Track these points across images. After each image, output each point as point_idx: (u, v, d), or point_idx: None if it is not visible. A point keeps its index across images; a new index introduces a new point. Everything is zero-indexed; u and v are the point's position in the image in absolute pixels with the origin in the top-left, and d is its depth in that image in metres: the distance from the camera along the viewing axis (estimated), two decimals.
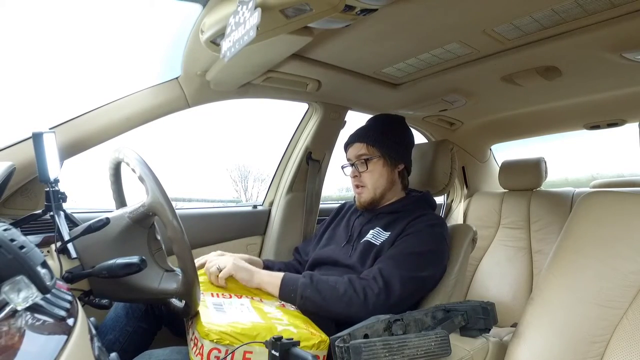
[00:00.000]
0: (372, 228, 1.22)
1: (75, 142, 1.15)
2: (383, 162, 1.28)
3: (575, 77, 1.39)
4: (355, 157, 1.31)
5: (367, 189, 1.28)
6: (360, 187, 1.29)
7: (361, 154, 1.29)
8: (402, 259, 1.07)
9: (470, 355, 0.80)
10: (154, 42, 1.32)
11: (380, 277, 1.02)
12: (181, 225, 0.82)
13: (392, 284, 1.01)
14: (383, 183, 1.28)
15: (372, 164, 1.28)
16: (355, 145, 1.31)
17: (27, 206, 1.11)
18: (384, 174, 1.28)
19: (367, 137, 1.30)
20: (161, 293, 0.87)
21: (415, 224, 1.16)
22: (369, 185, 1.28)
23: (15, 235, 0.49)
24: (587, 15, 0.98)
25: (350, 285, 1.01)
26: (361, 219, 1.31)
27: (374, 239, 1.18)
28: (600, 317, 0.74)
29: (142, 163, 0.86)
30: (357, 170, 1.29)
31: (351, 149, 1.33)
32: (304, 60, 1.25)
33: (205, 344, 0.77)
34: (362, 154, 1.29)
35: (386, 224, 1.21)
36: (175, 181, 6.72)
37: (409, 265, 1.06)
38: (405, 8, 0.93)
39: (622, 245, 0.76)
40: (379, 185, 1.28)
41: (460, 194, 2.43)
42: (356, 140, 1.32)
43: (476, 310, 0.88)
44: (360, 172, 1.29)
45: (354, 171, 1.31)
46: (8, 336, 0.41)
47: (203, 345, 0.77)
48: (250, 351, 0.78)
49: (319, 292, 1.01)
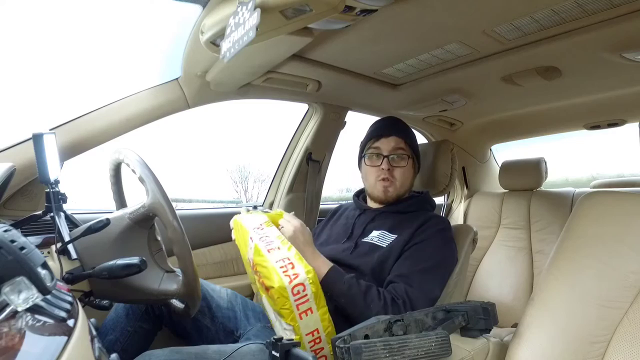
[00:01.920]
0: (376, 229, 1.20)
1: (75, 143, 1.15)
2: (413, 162, 1.28)
3: (575, 77, 1.39)
4: (392, 149, 1.24)
5: (395, 185, 1.24)
6: (388, 181, 1.23)
7: (400, 147, 1.25)
8: (422, 276, 1.05)
9: (470, 356, 0.80)
10: (154, 43, 1.32)
11: (407, 300, 1.00)
12: (181, 226, 0.82)
13: (416, 305, 0.99)
14: (409, 184, 1.27)
15: (409, 162, 1.26)
16: (393, 138, 1.25)
17: (28, 207, 1.11)
18: (411, 175, 1.28)
19: (405, 133, 1.27)
20: (161, 294, 0.87)
21: (425, 229, 1.13)
22: (398, 182, 1.24)
23: (15, 236, 0.49)
24: (587, 15, 0.98)
25: (383, 307, 0.97)
26: (363, 218, 1.27)
27: (380, 241, 1.16)
28: (601, 317, 0.74)
29: (143, 164, 0.87)
30: (390, 164, 1.24)
31: (385, 140, 1.26)
32: (304, 60, 1.25)
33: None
34: (401, 148, 1.25)
35: (391, 227, 1.18)
36: (176, 182, 6.72)
37: (431, 283, 1.05)
38: (405, 8, 0.93)
39: (622, 245, 0.76)
40: (405, 185, 1.26)
41: (461, 194, 2.42)
42: (394, 134, 1.26)
43: (477, 311, 0.88)
44: (394, 166, 1.24)
45: (387, 163, 1.24)
46: (8, 337, 0.41)
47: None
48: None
49: (353, 301, 0.98)
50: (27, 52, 4.63)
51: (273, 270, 0.85)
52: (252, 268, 0.95)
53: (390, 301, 0.98)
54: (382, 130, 1.29)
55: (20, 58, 4.52)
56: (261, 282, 0.89)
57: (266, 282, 0.86)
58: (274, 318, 0.92)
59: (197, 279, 0.87)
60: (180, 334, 1.16)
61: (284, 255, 0.89)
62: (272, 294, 0.84)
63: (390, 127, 1.29)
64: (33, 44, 4.78)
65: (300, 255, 0.90)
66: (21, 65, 4.81)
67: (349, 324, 0.81)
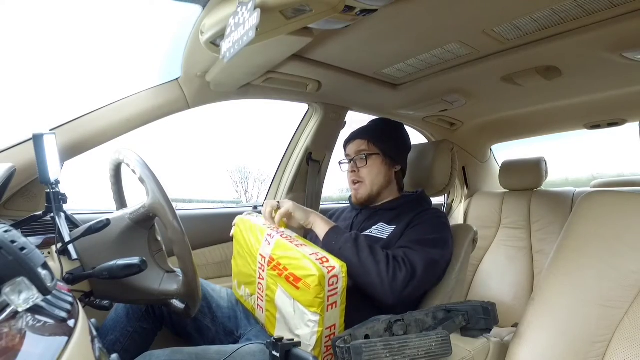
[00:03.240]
0: (374, 224, 1.23)
1: (76, 143, 1.15)
2: (382, 159, 1.30)
3: (576, 77, 1.39)
4: (355, 152, 1.32)
5: (365, 185, 1.29)
6: (358, 182, 1.30)
7: (362, 149, 1.31)
8: (419, 245, 1.08)
9: (471, 356, 0.79)
10: (154, 43, 1.32)
11: (407, 260, 1.03)
12: (182, 226, 0.83)
13: (416, 266, 1.02)
14: (381, 180, 1.29)
15: (372, 160, 1.29)
16: (356, 141, 1.33)
17: (28, 208, 1.11)
18: (382, 172, 1.30)
19: (368, 134, 1.33)
20: (162, 294, 0.87)
21: (421, 216, 1.18)
22: (367, 181, 1.29)
23: (16, 237, 0.49)
24: (586, 15, 0.98)
25: (386, 261, 1.01)
26: (360, 217, 1.31)
27: (379, 233, 1.19)
28: (601, 317, 0.74)
29: (143, 164, 0.87)
30: (356, 166, 1.31)
31: (351, 145, 1.34)
32: (304, 61, 1.25)
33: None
34: (362, 150, 1.30)
35: (389, 220, 1.22)
36: (176, 182, 6.72)
37: (427, 249, 1.07)
38: (404, 8, 0.93)
39: (622, 244, 0.76)
40: (376, 182, 1.29)
41: (461, 194, 2.42)
42: (357, 137, 1.33)
43: (477, 311, 0.88)
44: (358, 167, 1.30)
45: (353, 166, 1.32)
46: (9, 337, 0.41)
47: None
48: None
49: (358, 252, 1.01)
50: (26, 52, 4.63)
51: (309, 261, 0.88)
52: (267, 264, 0.96)
53: (392, 258, 1.02)
54: (350, 136, 1.38)
55: (20, 58, 4.53)
56: (287, 274, 0.91)
57: (299, 272, 0.88)
58: (292, 310, 0.92)
59: (197, 279, 0.87)
60: (180, 334, 1.16)
61: (314, 250, 0.93)
62: (309, 282, 0.86)
63: (357, 132, 1.37)
64: (33, 43, 4.78)
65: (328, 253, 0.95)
66: (21, 65, 4.81)
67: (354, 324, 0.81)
